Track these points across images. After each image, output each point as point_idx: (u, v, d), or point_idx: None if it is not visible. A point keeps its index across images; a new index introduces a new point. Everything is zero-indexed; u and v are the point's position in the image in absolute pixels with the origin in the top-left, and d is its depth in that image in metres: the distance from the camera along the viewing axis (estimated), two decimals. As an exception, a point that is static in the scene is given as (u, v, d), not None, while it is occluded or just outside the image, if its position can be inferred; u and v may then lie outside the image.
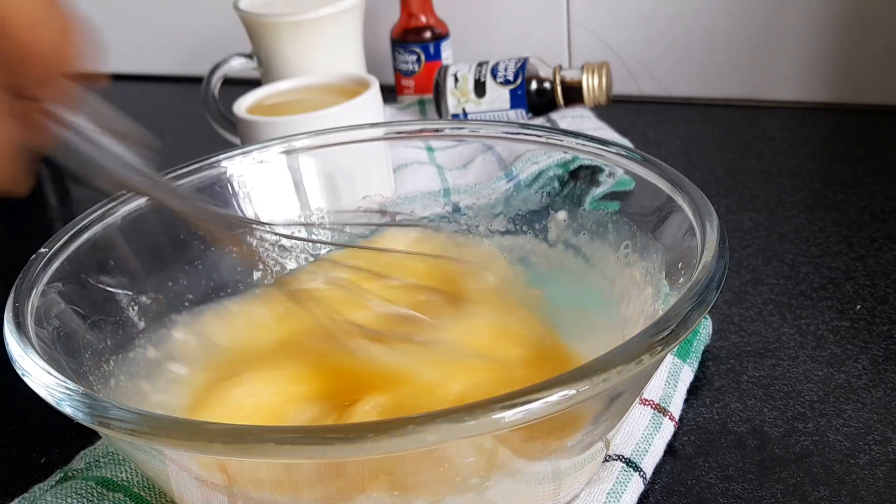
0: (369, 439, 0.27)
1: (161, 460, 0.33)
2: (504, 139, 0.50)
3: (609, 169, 0.45)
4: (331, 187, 0.52)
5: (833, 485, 0.40)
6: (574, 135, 0.46)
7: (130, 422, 0.30)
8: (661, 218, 0.41)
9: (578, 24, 0.85)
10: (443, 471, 0.32)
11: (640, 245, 0.42)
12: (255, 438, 0.28)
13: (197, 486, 0.34)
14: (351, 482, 0.32)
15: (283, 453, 0.28)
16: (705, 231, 0.37)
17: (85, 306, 0.41)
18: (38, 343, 0.35)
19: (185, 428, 0.29)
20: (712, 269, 0.34)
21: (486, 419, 0.28)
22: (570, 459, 0.36)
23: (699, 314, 0.32)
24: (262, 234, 0.46)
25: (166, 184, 0.42)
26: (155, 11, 1.01)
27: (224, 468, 0.32)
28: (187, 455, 0.32)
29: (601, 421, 0.35)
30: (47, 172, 0.87)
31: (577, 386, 0.29)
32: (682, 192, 0.40)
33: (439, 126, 0.52)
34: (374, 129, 0.52)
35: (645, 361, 0.30)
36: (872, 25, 0.76)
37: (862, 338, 0.49)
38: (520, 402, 0.28)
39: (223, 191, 0.48)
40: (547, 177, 0.53)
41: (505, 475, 0.33)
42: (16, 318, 0.36)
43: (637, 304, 0.41)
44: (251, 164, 0.49)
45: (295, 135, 0.51)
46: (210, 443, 0.28)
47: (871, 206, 0.62)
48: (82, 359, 0.39)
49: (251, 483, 0.32)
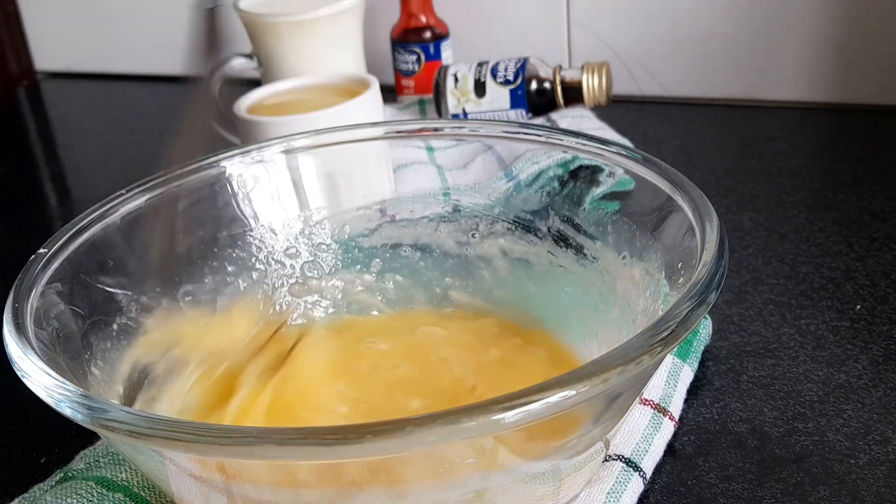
0: (367, 440, 0.27)
1: (160, 461, 0.33)
2: (504, 139, 0.50)
3: (609, 169, 0.45)
4: (331, 187, 0.52)
5: (833, 485, 0.40)
6: (574, 134, 0.46)
7: (129, 423, 0.30)
8: (660, 218, 0.41)
9: (578, 24, 0.85)
10: (442, 471, 0.32)
11: (639, 245, 0.42)
12: (255, 440, 0.28)
13: (196, 487, 0.34)
14: (350, 482, 0.32)
15: (283, 454, 0.28)
16: (705, 231, 0.37)
17: (84, 307, 0.41)
18: (37, 344, 0.35)
19: (184, 429, 0.29)
20: (712, 269, 0.34)
21: (485, 420, 0.28)
22: (570, 459, 0.36)
23: (699, 315, 0.32)
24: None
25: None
26: (155, 11, 1.01)
27: (223, 469, 0.32)
28: (186, 456, 0.32)
29: (601, 421, 0.35)
30: (47, 172, 0.87)
31: (577, 387, 0.29)
32: (682, 192, 0.40)
33: (439, 125, 0.52)
34: (374, 128, 0.52)
35: (645, 362, 0.30)
36: (872, 25, 0.76)
37: (862, 338, 0.49)
38: (520, 404, 0.28)
39: (222, 191, 0.48)
40: (547, 177, 0.53)
41: (505, 475, 0.33)
42: (15, 319, 0.36)
43: (637, 304, 0.41)
44: (251, 164, 0.49)
45: (294, 134, 0.51)
46: (209, 444, 0.28)
47: (871, 206, 0.62)
48: (82, 359, 0.39)
49: (250, 483, 0.32)
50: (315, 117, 0.62)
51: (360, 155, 0.52)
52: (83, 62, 1.07)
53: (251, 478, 0.32)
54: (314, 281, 0.50)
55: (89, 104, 1.04)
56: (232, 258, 0.48)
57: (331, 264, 0.51)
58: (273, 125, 0.63)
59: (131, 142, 0.90)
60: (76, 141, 0.94)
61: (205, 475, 0.33)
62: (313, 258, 0.50)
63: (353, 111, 0.63)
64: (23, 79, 1.08)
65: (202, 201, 0.48)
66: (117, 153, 0.88)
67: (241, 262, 0.49)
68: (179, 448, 0.29)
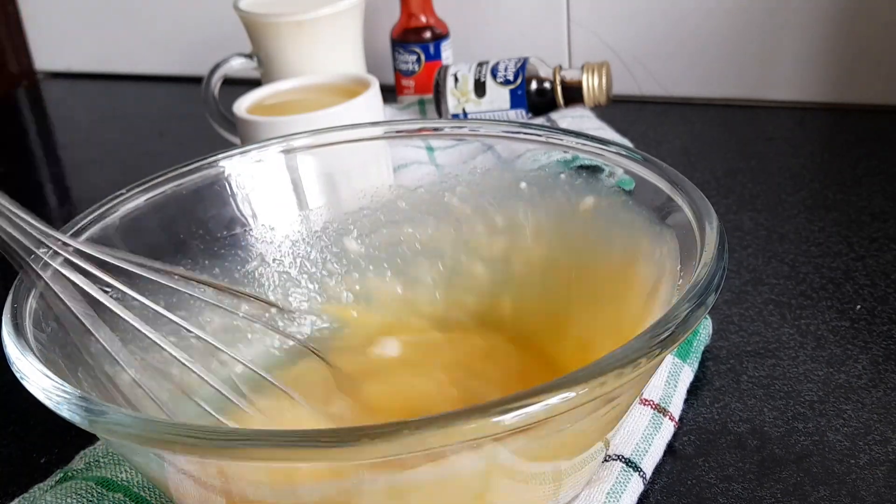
0: (364, 443, 0.27)
1: (159, 463, 0.33)
2: (504, 138, 0.50)
3: (609, 169, 0.45)
4: (330, 186, 0.52)
5: (833, 485, 0.40)
6: (574, 134, 0.46)
7: (128, 426, 0.30)
8: (660, 218, 0.41)
9: (578, 24, 0.85)
10: (440, 471, 0.32)
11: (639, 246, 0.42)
12: (252, 443, 0.28)
13: (195, 489, 0.34)
14: (349, 483, 0.32)
15: (280, 457, 0.28)
16: (704, 232, 0.37)
17: (84, 308, 0.41)
18: (36, 345, 0.35)
19: (182, 432, 0.29)
20: (711, 270, 0.34)
21: (484, 422, 0.28)
22: (570, 460, 0.35)
23: (698, 316, 0.32)
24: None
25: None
26: (155, 11, 1.01)
27: (223, 471, 0.32)
28: (185, 459, 0.32)
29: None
30: (47, 172, 0.87)
31: (577, 389, 0.29)
32: (682, 193, 0.40)
33: (439, 125, 0.52)
34: (374, 128, 0.52)
35: (643, 365, 0.30)
36: (872, 25, 0.76)
37: (862, 338, 0.49)
38: (518, 406, 0.28)
39: (222, 190, 0.48)
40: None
41: (504, 476, 0.33)
42: (14, 320, 0.36)
43: (636, 305, 0.41)
44: (250, 164, 0.49)
45: (294, 134, 0.51)
46: (207, 447, 0.28)
47: (871, 206, 0.62)
48: (80, 360, 0.39)
49: (249, 485, 0.32)
50: (315, 117, 0.62)
51: (360, 154, 0.52)
52: (83, 62, 1.07)
53: (251, 478, 0.32)
54: (317, 280, 0.50)
55: (89, 104, 1.04)
56: (231, 257, 0.48)
57: (331, 264, 0.51)
58: (273, 125, 0.63)
59: (131, 142, 0.90)
60: (76, 141, 0.94)
61: (204, 477, 0.33)
62: (312, 258, 0.50)
63: (353, 111, 0.63)
64: (23, 79, 1.08)
65: (201, 201, 0.48)
66: (117, 153, 0.88)
67: (239, 261, 0.49)
68: (177, 451, 0.29)
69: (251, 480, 0.32)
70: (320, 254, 0.50)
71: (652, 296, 0.40)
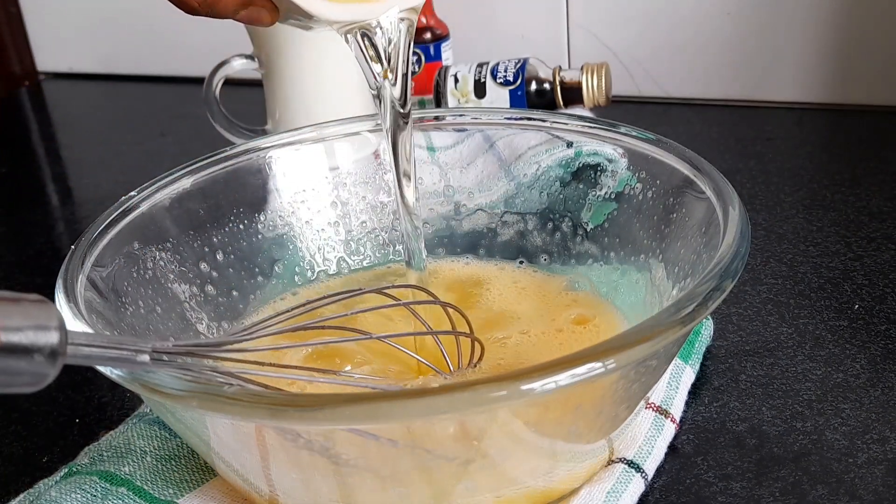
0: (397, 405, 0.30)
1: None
2: (506, 125, 0.51)
3: (611, 168, 0.46)
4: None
5: (831, 483, 0.40)
6: (580, 118, 0.48)
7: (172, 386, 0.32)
8: (677, 202, 0.42)
9: (578, 25, 0.85)
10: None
11: (654, 231, 0.44)
12: (308, 403, 0.30)
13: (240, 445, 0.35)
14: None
15: (335, 417, 0.30)
16: (727, 211, 0.39)
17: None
18: (86, 311, 0.37)
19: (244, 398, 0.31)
20: (735, 251, 0.36)
21: (514, 389, 0.29)
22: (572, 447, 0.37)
23: (729, 283, 0.34)
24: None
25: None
26: (156, 12, 1.01)
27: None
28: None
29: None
30: (49, 173, 0.88)
31: (604, 360, 0.31)
32: (702, 174, 0.43)
33: (441, 113, 0.54)
34: (373, 120, 0.53)
35: (669, 336, 0.32)
36: (872, 25, 0.76)
37: (860, 337, 0.50)
38: (546, 374, 0.30)
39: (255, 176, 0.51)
40: (548, 178, 0.53)
41: (507, 439, 0.35)
42: (66, 290, 0.38)
43: (655, 288, 0.42)
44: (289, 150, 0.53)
45: (293, 130, 0.52)
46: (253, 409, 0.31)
47: (870, 207, 0.63)
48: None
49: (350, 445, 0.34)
50: None
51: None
52: (85, 63, 1.08)
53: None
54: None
55: (91, 105, 1.04)
56: (264, 241, 0.51)
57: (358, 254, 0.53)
58: None
59: (133, 142, 0.90)
60: (78, 141, 0.94)
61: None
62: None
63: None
64: (25, 79, 1.08)
65: (231, 188, 0.51)
66: (119, 153, 0.88)
67: (273, 245, 0.51)
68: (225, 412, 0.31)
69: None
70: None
71: None
